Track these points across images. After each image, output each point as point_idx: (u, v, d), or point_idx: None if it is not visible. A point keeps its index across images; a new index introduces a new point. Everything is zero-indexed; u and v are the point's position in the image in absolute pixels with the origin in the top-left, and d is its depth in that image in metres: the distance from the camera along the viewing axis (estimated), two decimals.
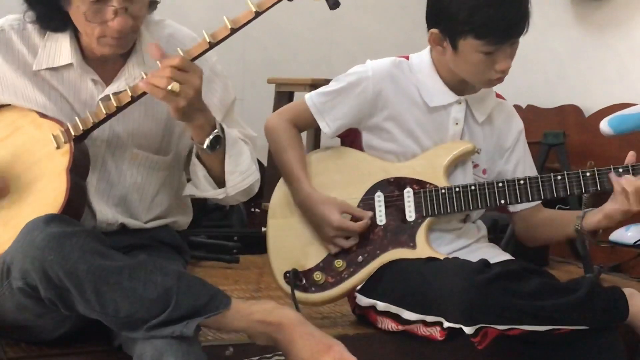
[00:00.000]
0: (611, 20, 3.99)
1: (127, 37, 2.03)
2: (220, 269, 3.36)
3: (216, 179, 2.09)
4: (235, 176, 2.08)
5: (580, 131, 3.95)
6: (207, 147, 2.02)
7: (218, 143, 2.03)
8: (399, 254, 2.24)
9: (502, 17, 2.13)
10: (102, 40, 2.01)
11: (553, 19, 4.27)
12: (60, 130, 2.02)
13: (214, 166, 2.08)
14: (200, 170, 2.08)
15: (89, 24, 1.98)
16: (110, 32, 1.99)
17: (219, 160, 2.06)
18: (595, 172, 2.19)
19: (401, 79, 2.31)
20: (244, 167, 2.10)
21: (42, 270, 1.82)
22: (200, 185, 2.09)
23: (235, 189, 2.09)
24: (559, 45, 4.27)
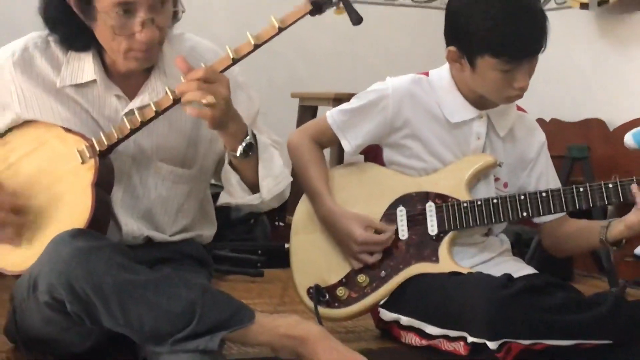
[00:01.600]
0: (635, 34, 3.98)
1: (153, 49, 2.05)
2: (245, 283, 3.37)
3: (250, 185, 2.09)
4: (269, 181, 2.08)
5: (604, 145, 3.94)
6: (240, 154, 2.02)
7: (250, 150, 2.03)
8: (422, 269, 2.24)
9: (520, 36, 2.13)
10: (129, 54, 2.03)
11: (577, 33, 4.26)
12: (85, 145, 2.04)
13: (247, 172, 2.08)
14: (233, 177, 2.08)
15: (115, 38, 2.00)
16: (138, 45, 2.01)
17: (251, 166, 2.06)
18: (617, 184, 2.19)
19: (421, 96, 2.32)
20: (276, 171, 2.10)
21: (68, 285, 1.84)
22: (234, 193, 2.09)
23: (270, 193, 2.09)
24: (583, 59, 4.27)
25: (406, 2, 4.79)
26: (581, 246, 2.40)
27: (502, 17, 2.13)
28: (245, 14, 4.20)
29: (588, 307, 2.04)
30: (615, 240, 2.23)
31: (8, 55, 2.12)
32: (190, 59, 2.02)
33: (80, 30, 2.05)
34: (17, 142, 2.12)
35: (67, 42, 2.09)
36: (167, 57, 2.12)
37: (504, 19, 2.13)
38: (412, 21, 4.75)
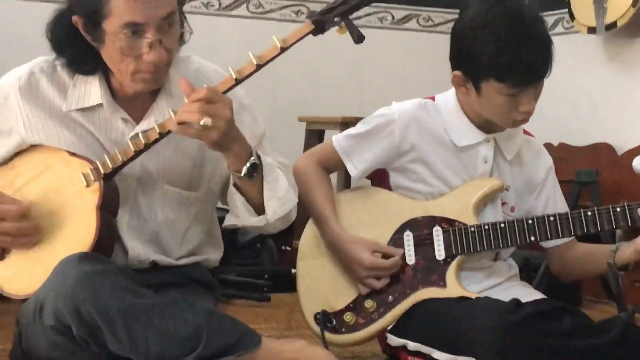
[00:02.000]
0: None
1: (161, 71, 2.05)
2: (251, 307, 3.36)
3: (255, 207, 2.08)
4: (274, 202, 2.07)
5: (612, 169, 3.93)
6: (244, 175, 2.02)
7: (255, 170, 2.03)
8: (430, 294, 2.23)
9: (524, 61, 2.13)
10: (137, 75, 2.03)
11: (585, 57, 4.26)
12: (90, 168, 2.04)
13: (252, 194, 2.07)
14: (238, 198, 2.07)
15: (123, 59, 2.00)
16: (146, 66, 2.01)
17: (256, 187, 2.06)
18: (625, 208, 2.18)
19: (427, 120, 2.32)
20: (281, 193, 2.09)
21: (74, 309, 1.84)
22: (240, 214, 2.09)
23: (275, 215, 2.08)
24: (591, 83, 4.27)
25: (414, 26, 4.80)
26: (589, 270, 2.38)
27: (506, 42, 2.13)
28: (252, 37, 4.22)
29: (597, 332, 2.03)
30: (623, 264, 2.22)
31: (14, 80, 2.12)
32: (195, 81, 2.03)
33: (88, 52, 2.06)
34: (24, 166, 2.12)
35: (74, 65, 2.09)
36: (174, 79, 2.12)
37: (508, 43, 2.13)
38: (420, 45, 4.76)
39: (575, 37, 4.22)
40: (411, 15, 4.77)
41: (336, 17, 1.99)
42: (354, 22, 2.01)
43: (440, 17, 4.78)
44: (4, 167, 2.15)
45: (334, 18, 1.98)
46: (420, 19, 4.78)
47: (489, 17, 2.16)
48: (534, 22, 2.17)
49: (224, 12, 4.43)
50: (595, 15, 3.96)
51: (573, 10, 4.12)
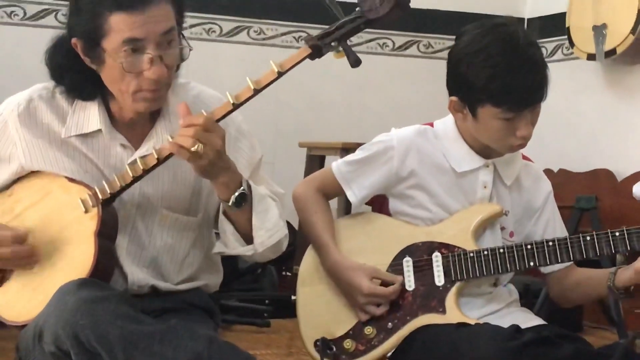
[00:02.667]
0: None
1: (161, 89, 2.06)
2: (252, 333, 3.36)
3: (244, 236, 2.09)
4: (262, 232, 2.08)
5: (612, 196, 3.93)
6: (232, 204, 2.03)
7: (244, 200, 2.04)
8: (429, 320, 2.23)
9: (520, 85, 2.14)
10: (138, 95, 2.03)
11: (584, 84, 4.28)
12: (88, 194, 2.04)
13: (241, 223, 2.08)
14: (227, 226, 2.09)
15: (124, 78, 2.01)
16: (147, 84, 2.02)
17: (245, 217, 2.07)
18: (624, 232, 2.18)
19: (426, 146, 2.32)
20: (270, 224, 2.10)
21: (74, 335, 1.83)
22: (228, 243, 2.10)
23: (262, 245, 2.09)
24: (591, 110, 4.28)
25: (414, 52, 4.82)
26: (589, 294, 2.37)
27: (502, 67, 2.14)
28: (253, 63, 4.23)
29: (597, 359, 2.03)
30: (623, 286, 2.21)
31: (13, 107, 2.13)
32: (194, 107, 2.04)
33: (87, 77, 2.07)
34: (23, 193, 2.13)
35: (73, 91, 2.10)
36: (172, 105, 2.14)
37: (503, 68, 2.14)
38: (420, 71, 4.77)
39: (575, 63, 4.23)
40: (412, 41, 4.79)
41: (333, 41, 2.00)
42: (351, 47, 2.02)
43: (440, 44, 4.80)
44: (3, 193, 2.15)
45: (331, 42, 1.99)
46: (421, 45, 4.80)
47: (483, 43, 2.17)
48: (528, 47, 2.18)
49: (225, 38, 4.45)
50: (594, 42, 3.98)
51: (573, 36, 4.14)
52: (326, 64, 2.13)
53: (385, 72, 4.71)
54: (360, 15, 1.99)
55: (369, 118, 4.66)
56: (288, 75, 2.02)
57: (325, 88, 4.57)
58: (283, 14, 4.52)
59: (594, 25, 3.98)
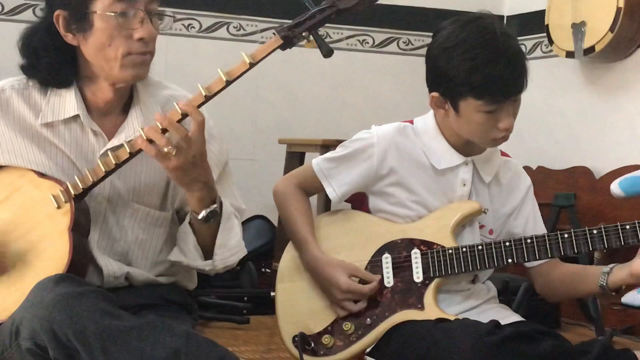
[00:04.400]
0: (621, 83, 4.02)
1: (149, 55, 2.06)
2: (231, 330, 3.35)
3: (204, 249, 2.10)
4: (224, 251, 2.09)
5: (591, 193, 3.95)
6: (201, 219, 2.04)
7: (213, 217, 2.05)
8: (407, 316, 2.23)
9: (499, 76, 2.15)
10: (127, 59, 2.03)
11: (563, 82, 4.30)
12: (60, 189, 2.03)
13: (204, 236, 2.09)
14: (190, 237, 2.09)
15: (112, 42, 2.01)
16: (137, 46, 2.02)
17: (210, 232, 2.08)
18: (602, 230, 2.19)
19: (406, 144, 2.33)
20: (233, 244, 2.11)
21: (51, 331, 1.82)
22: (188, 254, 2.10)
23: (223, 263, 2.11)
24: (570, 108, 4.30)
25: (394, 49, 4.82)
26: (576, 291, 2.36)
27: (481, 58, 2.15)
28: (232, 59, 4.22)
29: (575, 355, 2.03)
30: (616, 286, 2.21)
31: None
32: (168, 106, 2.07)
33: (64, 59, 2.07)
34: None
35: (49, 76, 2.08)
36: (144, 100, 2.14)
37: (483, 59, 2.15)
38: (400, 68, 4.78)
39: (554, 61, 4.25)
40: (391, 38, 4.80)
41: (304, 31, 2.00)
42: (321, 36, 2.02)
43: (420, 41, 4.81)
44: None
45: (302, 32, 2.00)
46: (401, 42, 4.81)
47: (461, 36, 2.18)
48: (506, 39, 2.18)
49: (204, 33, 4.44)
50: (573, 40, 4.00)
51: (551, 34, 4.15)
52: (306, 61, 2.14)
53: (365, 69, 4.71)
54: (330, 5, 2.00)
55: (349, 115, 4.66)
56: (267, 72, 2.03)
57: (305, 85, 4.56)
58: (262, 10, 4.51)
59: (573, 23, 4.00)
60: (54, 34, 2.06)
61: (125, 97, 2.14)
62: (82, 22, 2.03)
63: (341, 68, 4.51)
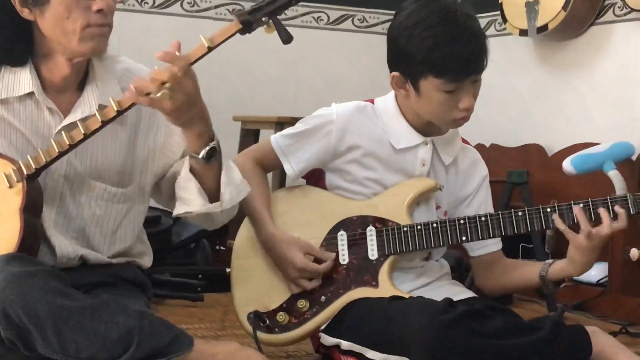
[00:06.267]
0: (573, 62, 4.05)
1: (108, 26, 2.03)
2: (185, 307, 3.34)
3: (209, 195, 2.06)
4: (231, 189, 2.05)
5: (543, 170, 3.98)
6: (202, 158, 2.01)
7: (214, 155, 2.02)
8: (362, 293, 2.24)
9: (460, 54, 2.16)
10: (86, 31, 2.00)
11: (516, 60, 4.32)
12: (13, 168, 1.99)
13: (207, 179, 2.05)
14: (194, 185, 2.04)
15: (70, 14, 1.98)
16: (95, 18, 2.00)
17: (212, 174, 2.04)
18: (555, 208, 2.22)
19: (366, 122, 2.33)
20: (237, 181, 2.08)
21: (2, 311, 1.80)
22: (194, 201, 2.05)
23: (231, 201, 2.06)
24: (522, 86, 4.32)
25: (349, 26, 4.81)
26: (517, 282, 2.37)
27: (442, 37, 2.15)
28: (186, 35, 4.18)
29: (528, 331, 2.06)
30: (556, 276, 2.25)
31: None
32: (124, 80, 2.03)
33: (19, 36, 2.04)
34: None
35: (4, 54, 2.05)
36: (100, 75, 2.11)
37: (443, 38, 2.15)
38: (355, 46, 4.77)
39: (507, 39, 4.27)
40: (346, 15, 4.78)
41: (264, 16, 1.98)
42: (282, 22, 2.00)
43: (375, 18, 4.80)
44: None
45: (261, 17, 1.97)
46: (355, 19, 4.80)
47: (422, 15, 2.18)
48: (466, 18, 2.19)
49: (158, 9, 4.39)
50: (527, 18, 4.01)
51: (505, 12, 4.17)
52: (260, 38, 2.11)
53: (320, 46, 4.70)
54: None
55: (304, 92, 4.65)
56: (221, 48, 2.00)
57: (259, 61, 4.54)
58: None
59: (527, 2, 4.01)
60: (9, 11, 2.02)
61: (82, 73, 2.12)
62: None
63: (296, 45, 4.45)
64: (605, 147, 3.18)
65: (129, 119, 2.13)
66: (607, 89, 3.89)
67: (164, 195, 2.21)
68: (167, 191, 2.19)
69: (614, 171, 3.06)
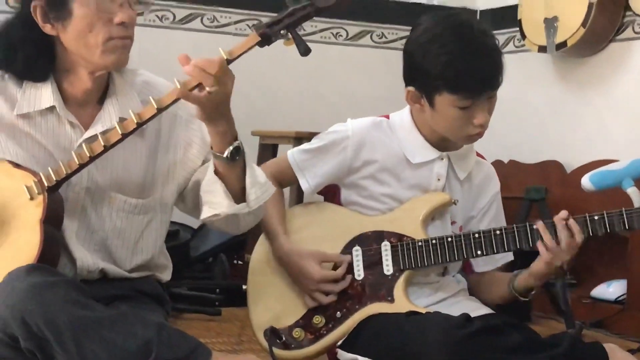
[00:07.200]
0: (592, 78, 4.05)
1: (130, 39, 2.05)
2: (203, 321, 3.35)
3: (234, 196, 2.07)
4: (256, 189, 2.06)
5: (561, 187, 3.98)
6: (227, 157, 2.02)
7: (238, 154, 2.03)
8: (378, 308, 2.24)
9: (475, 71, 2.16)
10: (108, 44, 2.02)
11: (535, 77, 4.32)
12: (34, 180, 2.01)
13: (232, 180, 2.06)
14: (220, 187, 2.05)
15: (93, 29, 2.00)
16: (117, 30, 2.02)
17: (236, 174, 2.05)
18: None
19: (381, 138, 2.33)
20: (262, 180, 2.09)
21: (22, 320, 1.81)
22: (220, 203, 2.06)
23: (257, 201, 2.06)
24: (541, 102, 4.32)
25: (367, 42, 4.83)
26: (492, 294, 2.38)
27: (457, 53, 2.16)
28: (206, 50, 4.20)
29: (545, 348, 2.05)
30: (523, 289, 2.26)
31: None
32: (144, 92, 2.05)
33: (41, 53, 2.06)
34: None
35: (26, 69, 2.07)
36: (120, 89, 2.13)
37: (459, 54, 2.16)
38: (373, 62, 4.78)
39: (526, 55, 4.27)
40: (365, 31, 4.80)
41: (283, 29, 1.99)
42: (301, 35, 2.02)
43: (394, 34, 4.81)
44: None
45: (280, 30, 1.99)
46: (374, 35, 4.81)
47: (438, 31, 2.19)
48: (482, 35, 2.20)
49: (179, 25, 4.42)
50: (545, 35, 4.02)
51: (524, 29, 4.17)
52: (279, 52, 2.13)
53: (339, 62, 4.71)
54: (309, 3, 1.99)
55: (322, 107, 4.66)
56: (241, 63, 2.01)
57: (278, 76, 4.55)
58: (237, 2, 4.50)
59: (546, 18, 4.02)
60: (31, 27, 2.04)
61: (103, 86, 2.13)
62: (61, 11, 2.01)
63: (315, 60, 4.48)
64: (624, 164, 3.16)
65: (149, 131, 2.14)
66: (626, 105, 3.89)
67: (188, 203, 2.22)
68: (191, 199, 2.20)
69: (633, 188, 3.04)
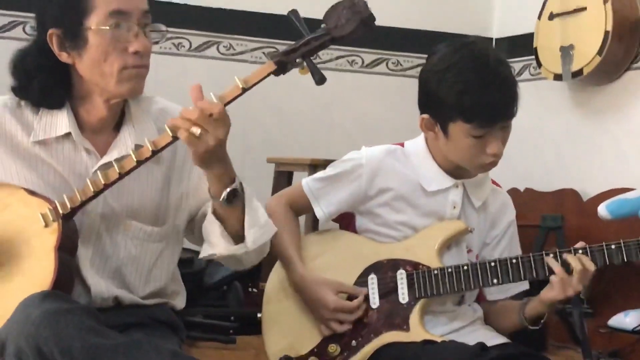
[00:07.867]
0: (608, 106, 4.04)
1: (144, 67, 2.06)
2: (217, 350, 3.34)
3: (233, 236, 2.07)
4: (255, 230, 2.05)
5: (578, 215, 3.96)
6: (222, 200, 2.01)
7: (235, 197, 2.03)
8: (393, 337, 2.23)
9: (490, 101, 2.16)
10: (123, 73, 2.03)
11: (551, 104, 4.31)
12: (49, 208, 2.01)
13: (231, 221, 2.06)
14: (215, 227, 2.06)
15: (108, 58, 2.02)
16: (132, 59, 2.03)
17: (236, 215, 2.05)
18: (587, 250, 2.21)
19: (396, 165, 2.33)
20: (262, 222, 2.08)
21: (37, 348, 1.81)
22: (218, 244, 2.06)
23: (255, 243, 2.06)
24: (557, 130, 4.31)
25: (383, 70, 4.83)
26: (503, 323, 2.37)
27: (472, 82, 2.16)
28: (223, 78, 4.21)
29: None
30: (533, 316, 2.25)
31: None
32: (160, 120, 2.06)
33: (57, 80, 2.07)
34: None
35: (42, 97, 2.08)
36: (136, 116, 2.14)
37: (474, 84, 2.16)
38: (389, 89, 4.79)
39: (542, 83, 4.27)
40: (380, 59, 4.81)
41: (298, 58, 2.00)
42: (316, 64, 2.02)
43: (409, 62, 4.82)
44: None
45: (296, 59, 1.99)
46: (390, 63, 4.82)
47: (454, 59, 2.19)
48: (498, 64, 2.20)
49: (195, 52, 4.44)
50: (561, 63, 4.01)
51: (540, 57, 4.17)
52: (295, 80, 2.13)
53: (354, 89, 4.72)
54: (325, 33, 2.00)
55: (338, 134, 4.67)
56: (256, 90, 2.02)
57: (293, 104, 4.56)
58: (252, 30, 4.52)
59: (561, 46, 4.01)
60: (47, 54, 2.06)
61: (118, 114, 2.15)
62: (77, 39, 2.03)
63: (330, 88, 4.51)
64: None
65: (164, 158, 2.15)
66: None
67: (196, 234, 2.22)
68: (198, 231, 2.20)
69: None
